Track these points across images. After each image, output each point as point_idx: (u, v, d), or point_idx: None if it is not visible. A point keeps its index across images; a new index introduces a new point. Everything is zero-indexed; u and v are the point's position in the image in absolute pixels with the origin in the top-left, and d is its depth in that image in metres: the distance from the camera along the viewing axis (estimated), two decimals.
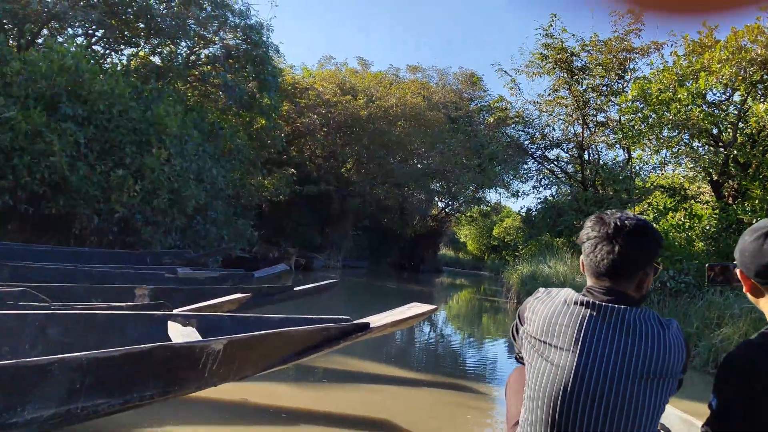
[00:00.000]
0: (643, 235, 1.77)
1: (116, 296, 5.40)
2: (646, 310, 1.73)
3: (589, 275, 1.84)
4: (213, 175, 17.81)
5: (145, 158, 14.57)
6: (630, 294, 1.77)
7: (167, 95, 16.32)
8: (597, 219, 1.83)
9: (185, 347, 2.96)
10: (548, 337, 1.73)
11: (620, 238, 1.74)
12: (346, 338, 3.78)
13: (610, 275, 1.76)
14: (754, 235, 1.62)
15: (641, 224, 1.79)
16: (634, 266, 1.76)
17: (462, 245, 70.72)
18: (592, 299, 1.74)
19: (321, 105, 28.62)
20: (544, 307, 1.80)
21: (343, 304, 16.55)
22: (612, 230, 1.75)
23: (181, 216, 16.43)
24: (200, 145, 17.86)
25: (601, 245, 1.76)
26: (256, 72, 20.70)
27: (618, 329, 1.67)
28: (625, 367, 1.61)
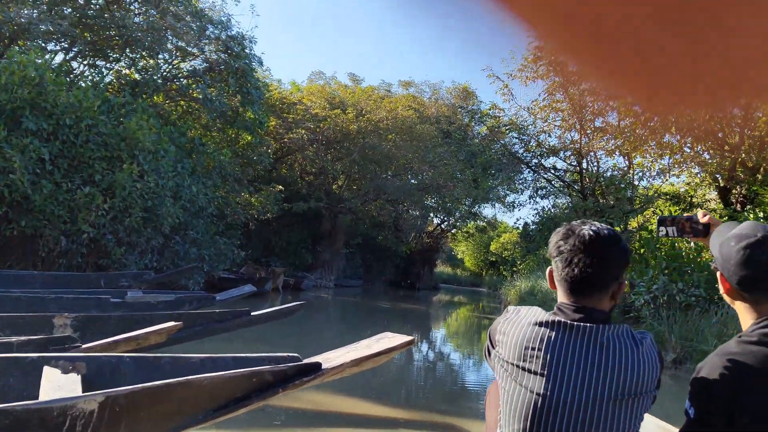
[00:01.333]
0: (616, 244, 1.71)
1: (31, 327, 4.48)
2: (619, 326, 1.69)
3: (561, 290, 1.76)
4: (192, 193, 16.90)
5: (116, 175, 13.67)
6: (602, 308, 1.71)
7: (140, 109, 15.43)
8: (567, 231, 1.75)
9: (32, 410, 2.03)
10: (520, 360, 1.68)
11: (594, 249, 1.68)
12: (287, 385, 2.88)
13: (586, 288, 1.70)
14: (741, 244, 1.60)
15: (612, 232, 1.74)
16: (609, 277, 1.71)
17: (459, 262, 69.79)
18: (564, 318, 1.69)
19: (309, 120, 27.81)
20: (514, 329, 1.74)
21: (331, 327, 15.62)
22: (588, 241, 1.69)
23: (158, 235, 15.51)
24: (179, 161, 16.98)
25: (577, 258, 1.69)
26: (238, 85, 19.86)
27: (591, 350, 1.63)
28: (599, 390, 1.58)
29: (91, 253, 13.94)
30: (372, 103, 29.89)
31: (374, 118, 28.37)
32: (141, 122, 14.51)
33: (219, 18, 19.30)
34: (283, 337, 12.48)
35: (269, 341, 11.74)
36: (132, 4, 17.81)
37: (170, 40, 18.49)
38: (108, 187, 13.64)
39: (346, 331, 15.56)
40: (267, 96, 28.63)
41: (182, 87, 18.95)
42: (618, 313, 13.79)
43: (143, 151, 14.64)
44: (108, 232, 13.91)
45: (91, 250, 13.86)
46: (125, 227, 14.18)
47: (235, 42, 19.46)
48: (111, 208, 13.59)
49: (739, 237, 1.63)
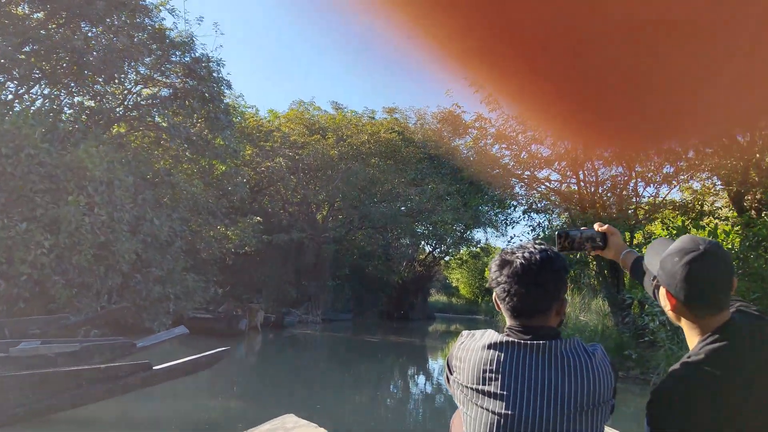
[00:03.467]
0: (551, 267, 1.70)
1: None
2: (570, 340, 1.69)
3: (506, 315, 1.77)
4: (155, 226, 15.41)
5: (60, 208, 12.21)
6: (550, 325, 1.74)
7: (92, 137, 14.03)
8: (501, 261, 1.75)
9: None
10: (478, 383, 1.70)
11: (529, 276, 1.68)
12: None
13: (527, 315, 1.71)
14: (685, 258, 1.58)
15: (545, 255, 1.71)
16: (550, 300, 1.72)
17: (454, 290, 68.10)
18: (515, 338, 1.70)
19: (288, 147, 26.49)
20: (469, 354, 1.76)
21: (299, 375, 14.11)
22: (520, 270, 1.69)
23: (115, 274, 13.99)
24: (139, 192, 15.55)
25: (513, 288, 1.69)
26: (204, 110, 18.52)
27: (545, 366, 1.65)
28: (558, 404, 1.60)
29: (35, 297, 12.40)
30: (353, 127, 28.66)
31: (356, 142, 27.12)
32: (91, 150, 13.09)
33: (181, 39, 17.99)
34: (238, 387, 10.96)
35: (221, 393, 10.22)
36: (84, 27, 16.50)
37: (129, 65, 17.20)
38: (52, 222, 12.17)
39: (317, 380, 14.00)
40: (243, 124, 27.38)
41: (143, 114, 17.53)
42: (630, 338, 12.33)
43: (94, 182, 13.21)
44: (55, 272, 12.40)
45: (36, 293, 12.33)
46: (74, 266, 12.68)
47: (199, 65, 18.15)
48: (55, 246, 12.10)
49: (682, 251, 1.60)
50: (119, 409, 5.07)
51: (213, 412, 8.07)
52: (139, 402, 5.69)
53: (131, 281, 14.91)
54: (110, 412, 5.08)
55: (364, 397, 11.39)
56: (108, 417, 5.11)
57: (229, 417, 8.81)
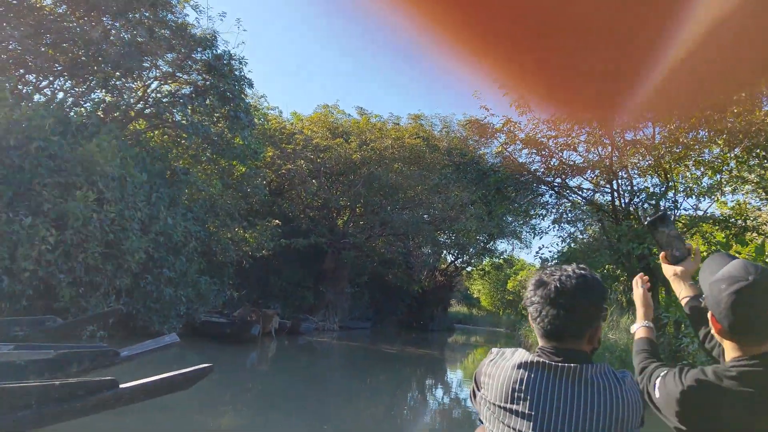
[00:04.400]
0: (587, 293, 1.68)
1: None
2: (600, 365, 1.68)
3: (538, 335, 1.76)
4: (168, 226, 14.91)
5: (68, 203, 11.74)
6: (582, 349, 1.71)
7: (106, 130, 13.57)
8: (537, 281, 1.75)
9: None
10: (506, 402, 1.68)
11: (563, 300, 1.67)
12: None
13: (558, 337, 1.70)
14: (731, 288, 1.56)
15: (582, 281, 1.69)
16: (581, 326, 1.70)
17: (475, 301, 67.16)
18: (546, 360, 1.68)
19: (310, 150, 25.95)
20: (498, 371, 1.74)
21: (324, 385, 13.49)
22: (553, 293, 1.68)
23: (124, 274, 13.50)
24: (153, 190, 15.08)
25: (545, 309, 1.69)
26: (225, 109, 18.03)
27: (575, 389, 1.62)
28: (585, 428, 1.58)
29: (40, 295, 11.92)
30: (377, 131, 28.05)
31: (379, 147, 26.49)
32: (103, 144, 12.62)
33: (204, 35, 17.53)
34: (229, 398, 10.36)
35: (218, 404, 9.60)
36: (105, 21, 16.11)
37: (149, 60, 16.79)
38: (59, 218, 11.70)
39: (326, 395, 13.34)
40: (265, 126, 26.93)
41: (161, 110, 17.08)
42: (665, 360, 11.49)
43: (105, 177, 12.75)
44: (61, 270, 11.92)
45: (40, 291, 11.85)
46: (81, 264, 12.19)
47: (221, 62, 17.67)
48: (61, 242, 11.62)
49: (730, 279, 1.57)
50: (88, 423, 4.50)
51: (206, 427, 7.49)
52: (114, 415, 5.11)
53: (141, 281, 14.42)
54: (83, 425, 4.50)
55: (376, 413, 10.72)
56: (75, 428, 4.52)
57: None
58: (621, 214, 13.16)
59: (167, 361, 14.04)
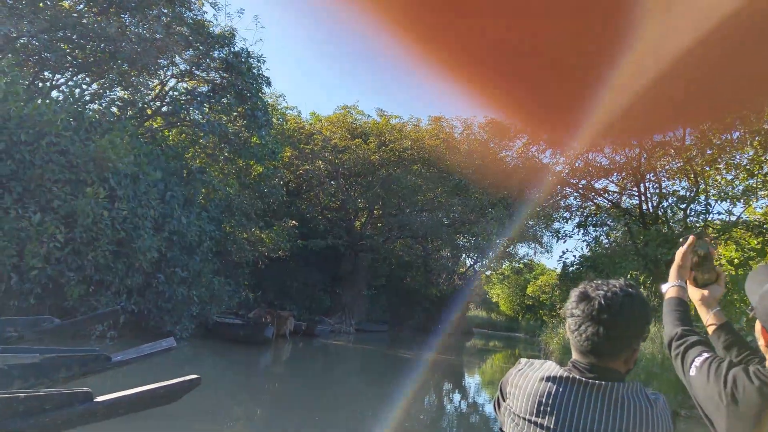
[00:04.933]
0: (630, 314, 1.58)
1: None
2: (632, 384, 1.60)
3: (574, 350, 1.69)
4: (182, 225, 14.64)
5: (79, 200, 11.49)
6: (617, 369, 1.63)
7: (120, 127, 13.32)
8: (581, 294, 1.65)
9: None
10: (531, 415, 1.63)
11: (605, 317, 1.57)
12: None
13: (594, 355, 1.62)
14: None
15: (628, 300, 1.59)
16: (620, 346, 1.61)
17: (494, 305, 66.46)
18: (577, 375, 1.63)
19: (328, 150, 25.63)
20: (526, 383, 1.68)
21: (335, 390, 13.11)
22: (596, 310, 1.58)
23: (135, 273, 13.24)
24: (168, 188, 14.83)
25: (585, 325, 1.61)
26: (243, 108, 17.77)
27: (604, 407, 1.56)
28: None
29: (49, 294, 11.69)
30: (396, 133, 27.65)
31: (398, 148, 26.11)
32: (116, 141, 12.37)
33: (222, 32, 17.28)
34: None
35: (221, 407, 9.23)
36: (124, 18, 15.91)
37: (166, 57, 16.57)
38: (68, 215, 11.45)
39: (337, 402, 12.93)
40: (284, 126, 26.68)
41: (177, 108, 16.85)
42: None
43: (117, 174, 12.49)
44: (70, 268, 11.67)
45: (49, 290, 11.61)
46: (91, 262, 11.94)
47: (239, 59, 17.40)
48: (70, 240, 11.37)
49: None
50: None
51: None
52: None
53: (154, 281, 14.16)
54: None
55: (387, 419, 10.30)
56: None
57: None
58: (649, 218, 12.61)
59: (179, 363, 13.78)
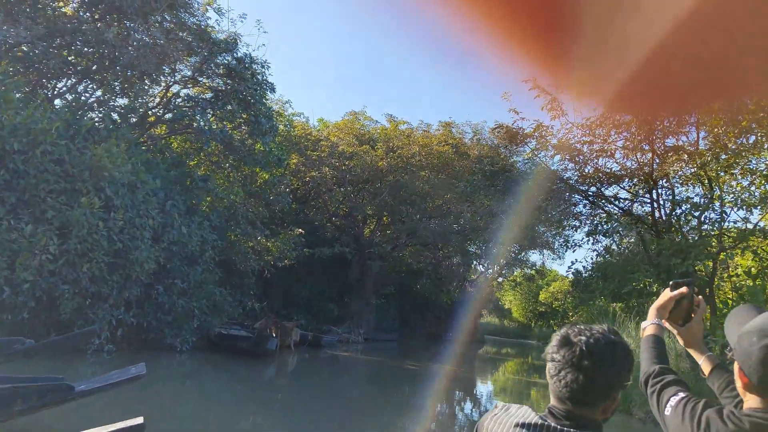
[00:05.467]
0: (612, 362, 1.53)
1: None
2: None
3: (552, 396, 1.64)
4: (182, 234, 14.34)
5: (73, 210, 11.21)
6: (594, 417, 1.58)
7: (118, 135, 13.05)
8: (562, 339, 1.59)
9: None
10: None
11: (586, 365, 1.52)
12: None
13: (573, 402, 1.57)
14: (764, 341, 1.47)
15: (611, 348, 1.54)
16: (599, 395, 1.55)
17: (507, 312, 65.83)
18: (553, 422, 1.57)
19: (335, 157, 25.31)
20: (498, 428, 1.63)
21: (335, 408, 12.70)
22: (577, 356, 1.53)
23: (133, 285, 12.93)
24: (168, 197, 14.54)
25: (564, 371, 1.55)
26: (245, 113, 17.49)
27: None
28: None
29: (43, 307, 11.40)
30: (405, 138, 27.29)
31: (406, 154, 25.73)
32: (112, 149, 12.09)
33: (225, 38, 17.03)
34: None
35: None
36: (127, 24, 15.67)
37: (168, 63, 16.32)
38: (63, 226, 11.17)
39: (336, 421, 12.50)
40: (291, 132, 26.41)
41: (179, 115, 16.59)
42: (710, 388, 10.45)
43: (114, 183, 12.20)
44: (64, 280, 11.38)
45: (43, 303, 11.32)
46: (86, 274, 11.64)
47: (242, 65, 17.13)
48: (64, 251, 11.08)
49: (761, 332, 1.48)
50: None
51: None
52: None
53: (153, 292, 13.86)
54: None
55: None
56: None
57: None
58: (662, 226, 12.14)
59: (179, 377, 13.47)
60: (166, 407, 9.82)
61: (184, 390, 12.15)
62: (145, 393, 11.21)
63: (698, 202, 11.46)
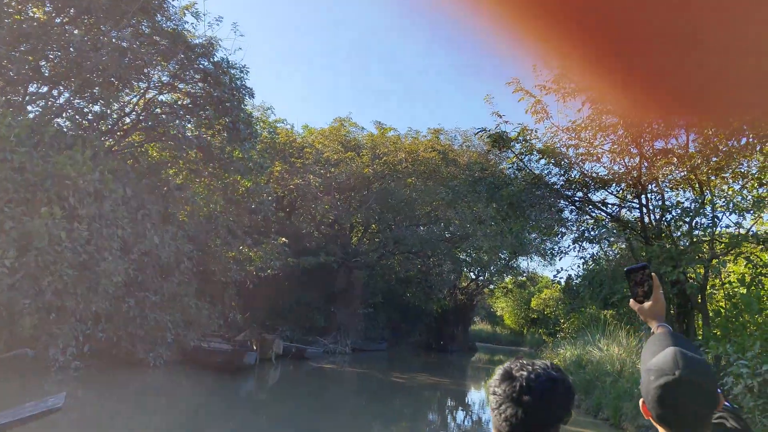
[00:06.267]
0: (551, 399, 1.50)
1: None
2: None
3: (493, 428, 1.60)
4: (154, 245, 13.77)
5: (33, 221, 10.65)
6: None
7: (83, 142, 12.50)
8: (504, 373, 1.56)
9: None
10: None
11: (526, 400, 1.50)
12: None
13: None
14: (658, 381, 1.51)
15: (551, 385, 1.51)
16: (538, 431, 1.52)
17: (499, 319, 65.30)
18: None
19: (321, 165, 24.77)
20: None
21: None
22: (517, 391, 1.50)
23: (101, 298, 12.34)
24: (139, 206, 13.99)
25: (505, 405, 1.52)
26: (224, 120, 16.94)
27: None
28: None
29: (3, 323, 10.81)
30: (391, 145, 26.79)
31: (392, 161, 25.23)
32: (76, 156, 11.54)
33: (200, 41, 16.51)
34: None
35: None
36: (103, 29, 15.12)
37: (140, 69, 15.79)
38: (22, 237, 10.60)
39: None
40: (275, 139, 25.89)
41: (154, 122, 16.05)
42: None
43: (79, 192, 11.65)
44: (25, 295, 10.80)
45: (3, 318, 10.74)
46: (50, 287, 11.06)
47: (220, 70, 16.60)
48: (24, 264, 10.51)
49: (658, 372, 1.52)
50: None
51: None
52: None
53: (124, 306, 13.27)
54: None
55: None
56: None
57: None
58: (651, 232, 11.68)
59: (153, 392, 12.88)
60: (134, 427, 9.29)
61: (156, 406, 11.59)
62: (112, 411, 10.64)
63: (689, 207, 11.01)
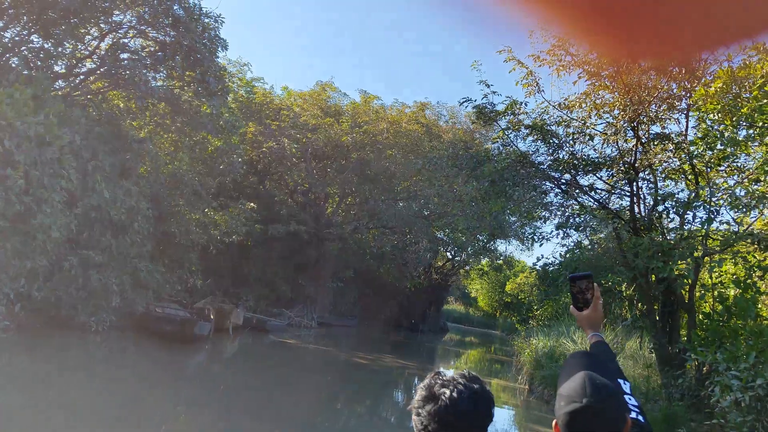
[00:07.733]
0: (474, 414, 1.56)
1: None
2: None
3: None
4: (104, 200, 12.65)
5: None
6: None
7: (32, 82, 11.29)
8: (427, 394, 1.58)
9: None
10: None
11: (449, 420, 1.53)
12: None
13: None
14: (567, 408, 1.51)
15: (473, 399, 1.56)
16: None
17: (472, 300, 64.97)
18: None
19: (296, 128, 23.58)
20: None
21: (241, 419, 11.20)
22: (442, 412, 1.54)
23: (38, 254, 11.24)
24: (92, 157, 12.83)
25: (428, 423, 1.56)
26: (191, 70, 15.74)
27: None
28: None
29: None
30: (373, 113, 25.64)
31: (373, 130, 24.11)
32: (15, 94, 10.36)
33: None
34: None
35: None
36: None
37: (106, 9, 14.52)
38: None
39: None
40: (250, 98, 24.66)
41: (116, 70, 14.80)
42: (685, 409, 9.16)
43: (16, 136, 10.48)
44: None
45: None
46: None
47: (190, 15, 15.35)
48: None
49: (568, 398, 1.53)
50: None
51: None
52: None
53: (66, 264, 12.17)
54: None
55: None
56: None
57: None
58: (641, 223, 10.83)
59: (92, 362, 11.88)
60: (64, 399, 8.32)
61: (92, 375, 10.61)
62: (41, 380, 9.66)
63: (682, 199, 10.16)
